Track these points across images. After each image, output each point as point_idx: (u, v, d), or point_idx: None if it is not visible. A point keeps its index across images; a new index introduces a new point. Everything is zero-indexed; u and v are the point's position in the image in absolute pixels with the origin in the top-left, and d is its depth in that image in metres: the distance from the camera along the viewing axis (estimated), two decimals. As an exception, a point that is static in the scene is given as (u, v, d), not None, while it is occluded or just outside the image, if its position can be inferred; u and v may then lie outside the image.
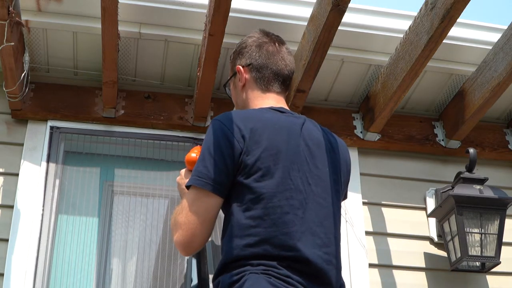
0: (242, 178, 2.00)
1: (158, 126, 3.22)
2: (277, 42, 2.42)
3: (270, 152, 2.03)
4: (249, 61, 2.37)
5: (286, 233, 1.95)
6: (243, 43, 2.43)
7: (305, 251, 1.95)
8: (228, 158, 2.01)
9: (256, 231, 1.95)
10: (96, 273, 2.95)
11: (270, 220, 1.96)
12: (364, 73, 3.34)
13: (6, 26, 2.69)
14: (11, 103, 3.08)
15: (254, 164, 2.01)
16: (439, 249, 3.28)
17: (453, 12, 2.67)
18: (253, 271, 1.90)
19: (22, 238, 2.88)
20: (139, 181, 3.16)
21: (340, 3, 2.66)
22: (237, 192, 2.01)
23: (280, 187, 2.00)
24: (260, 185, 1.99)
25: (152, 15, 3.01)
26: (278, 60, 2.37)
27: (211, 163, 2.02)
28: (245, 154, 2.02)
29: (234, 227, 1.99)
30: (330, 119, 3.39)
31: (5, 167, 3.05)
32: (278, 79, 2.35)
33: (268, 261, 1.92)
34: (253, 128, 2.05)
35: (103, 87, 3.05)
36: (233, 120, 2.08)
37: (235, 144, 2.02)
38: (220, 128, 2.06)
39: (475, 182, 3.17)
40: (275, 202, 1.98)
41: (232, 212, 2.01)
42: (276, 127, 2.10)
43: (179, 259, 2.98)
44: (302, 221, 1.99)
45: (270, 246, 1.93)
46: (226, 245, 2.00)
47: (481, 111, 3.23)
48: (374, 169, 3.40)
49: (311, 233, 1.99)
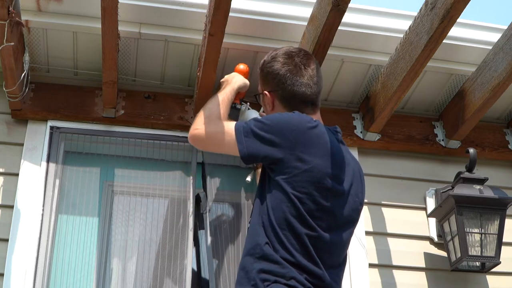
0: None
1: (158, 126, 3.21)
2: (302, 65, 2.47)
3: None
4: (276, 89, 2.46)
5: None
6: (269, 66, 2.52)
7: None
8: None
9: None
10: (96, 273, 2.95)
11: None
12: (364, 73, 3.34)
13: (6, 26, 2.69)
14: (11, 103, 3.08)
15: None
16: (439, 249, 3.29)
17: (453, 12, 2.67)
18: None
19: (22, 238, 2.88)
20: (139, 181, 3.16)
21: (340, 3, 2.67)
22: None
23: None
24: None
25: (152, 15, 3.01)
26: (304, 87, 2.46)
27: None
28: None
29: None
30: (330, 119, 3.38)
31: (5, 167, 3.05)
32: (307, 104, 2.47)
33: None
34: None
35: (103, 87, 3.05)
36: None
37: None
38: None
39: (475, 182, 3.17)
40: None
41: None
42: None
43: (179, 259, 2.98)
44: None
45: None
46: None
47: (481, 111, 3.23)
48: (374, 169, 3.39)
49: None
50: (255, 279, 2.17)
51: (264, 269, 2.18)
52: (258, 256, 2.21)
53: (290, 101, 2.46)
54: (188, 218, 3.03)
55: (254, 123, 2.36)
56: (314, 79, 2.47)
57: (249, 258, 2.24)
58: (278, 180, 2.28)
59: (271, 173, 2.33)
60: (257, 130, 2.33)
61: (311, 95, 2.46)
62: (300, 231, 2.22)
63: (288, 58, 2.49)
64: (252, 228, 2.30)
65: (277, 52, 2.54)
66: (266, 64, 2.53)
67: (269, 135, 2.31)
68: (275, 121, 2.35)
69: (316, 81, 2.48)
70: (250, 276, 2.19)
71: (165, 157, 3.20)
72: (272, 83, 2.50)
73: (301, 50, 2.55)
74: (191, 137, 2.52)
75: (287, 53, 2.51)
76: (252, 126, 2.35)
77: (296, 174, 2.26)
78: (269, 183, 2.33)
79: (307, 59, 2.50)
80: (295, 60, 2.48)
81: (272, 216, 2.24)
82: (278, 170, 2.29)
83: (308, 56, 2.53)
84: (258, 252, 2.22)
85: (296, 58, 2.48)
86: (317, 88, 2.48)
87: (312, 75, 2.47)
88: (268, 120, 2.36)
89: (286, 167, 2.27)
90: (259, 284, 2.16)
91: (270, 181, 2.32)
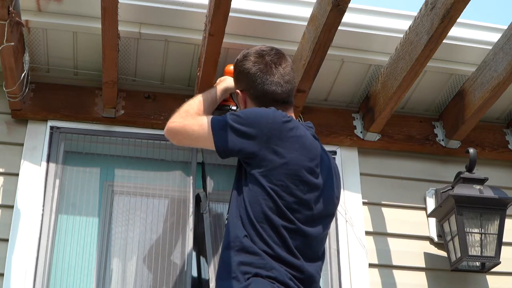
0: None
1: (158, 126, 3.21)
2: (273, 64, 2.49)
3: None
4: (247, 87, 2.49)
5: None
6: (241, 65, 2.53)
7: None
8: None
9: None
10: (96, 273, 2.95)
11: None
12: (364, 73, 3.34)
13: (6, 26, 2.69)
14: (11, 103, 3.08)
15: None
16: (439, 249, 3.29)
17: (453, 12, 2.67)
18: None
19: (22, 238, 2.88)
20: (139, 181, 3.16)
21: (340, 3, 2.67)
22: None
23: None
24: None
25: (152, 15, 3.01)
26: (274, 86, 2.47)
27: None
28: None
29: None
30: (330, 119, 3.39)
31: (5, 167, 3.05)
32: (278, 103, 2.47)
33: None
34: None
35: (103, 87, 3.05)
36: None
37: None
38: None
39: (475, 182, 3.17)
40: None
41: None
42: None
43: (179, 259, 2.98)
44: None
45: None
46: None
47: (481, 111, 3.23)
48: (374, 169, 3.40)
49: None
50: (236, 272, 2.19)
51: (244, 262, 2.20)
52: (238, 249, 2.23)
53: (261, 99, 2.47)
54: (188, 218, 3.03)
55: (230, 116, 2.38)
56: (285, 78, 2.49)
57: (228, 251, 2.26)
58: (254, 173, 2.30)
59: (247, 167, 2.35)
60: (233, 123, 2.35)
61: (282, 93, 2.48)
62: (278, 223, 2.24)
63: (259, 57, 2.51)
64: (231, 221, 2.32)
65: (249, 51, 2.55)
66: (238, 63, 2.55)
67: (244, 127, 2.33)
68: (251, 115, 2.37)
69: (288, 80, 2.50)
70: (231, 268, 2.21)
71: (165, 157, 3.20)
72: (243, 82, 2.52)
73: (273, 49, 2.56)
74: (166, 130, 2.54)
75: (258, 52, 2.52)
76: (227, 119, 2.37)
77: (272, 168, 2.28)
78: (245, 176, 2.34)
79: (278, 58, 2.51)
80: (265, 59, 2.49)
81: (249, 210, 2.26)
82: (254, 164, 2.31)
83: (280, 55, 2.54)
84: (237, 245, 2.24)
85: (267, 57, 2.50)
86: (288, 87, 2.49)
87: (283, 74, 2.48)
88: (244, 114, 2.38)
89: (262, 160, 2.29)
90: (240, 276, 2.18)
91: (247, 175, 2.34)
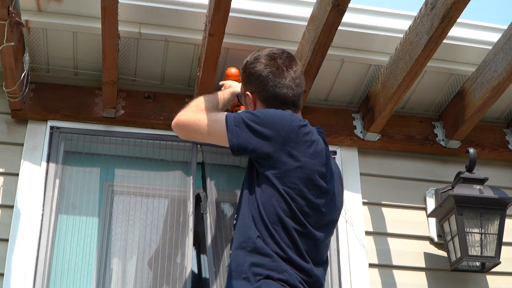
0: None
1: (158, 126, 3.21)
2: (284, 67, 2.47)
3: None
4: (257, 90, 2.46)
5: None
6: (252, 67, 2.51)
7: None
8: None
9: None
10: (96, 273, 2.95)
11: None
12: (364, 73, 3.34)
13: (6, 26, 2.69)
14: (11, 103, 3.08)
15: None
16: (439, 249, 3.29)
17: (453, 12, 2.67)
18: None
19: (22, 238, 2.88)
20: (139, 181, 3.16)
21: (340, 3, 2.67)
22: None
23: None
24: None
25: (152, 15, 3.01)
26: (286, 89, 2.46)
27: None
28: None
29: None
30: (330, 119, 3.39)
31: (5, 167, 3.05)
32: (288, 106, 2.46)
33: None
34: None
35: (103, 87, 3.05)
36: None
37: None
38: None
39: (475, 182, 3.17)
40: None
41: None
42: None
43: (179, 259, 2.98)
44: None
45: None
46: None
47: (481, 111, 3.23)
48: (374, 169, 3.40)
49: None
50: (247, 273, 2.19)
51: (256, 263, 2.20)
52: (250, 249, 2.23)
53: (271, 102, 2.46)
54: (188, 218, 3.03)
55: (246, 114, 2.37)
56: (296, 81, 2.49)
57: (240, 252, 2.25)
58: (267, 174, 2.29)
59: (259, 168, 2.34)
60: (249, 122, 2.34)
61: (293, 96, 2.47)
62: (290, 226, 2.24)
63: (270, 59, 2.50)
64: (242, 221, 2.31)
65: (260, 53, 2.54)
66: (249, 65, 2.53)
67: (261, 127, 2.32)
68: (269, 115, 2.36)
69: (298, 83, 2.50)
70: (242, 269, 2.21)
71: (165, 157, 3.20)
72: (254, 84, 2.51)
73: (284, 52, 2.55)
74: (175, 122, 2.52)
75: (269, 55, 2.51)
76: (244, 117, 2.36)
77: (286, 170, 2.28)
78: (258, 177, 2.34)
79: (289, 61, 2.51)
80: (277, 61, 2.49)
81: (262, 210, 2.26)
82: (267, 164, 2.31)
83: (291, 58, 2.53)
84: (250, 245, 2.23)
85: (279, 60, 2.49)
86: (298, 90, 2.49)
87: (294, 77, 2.48)
88: (261, 114, 2.36)
89: (276, 162, 2.29)
90: (251, 277, 2.17)
91: (259, 175, 2.33)
